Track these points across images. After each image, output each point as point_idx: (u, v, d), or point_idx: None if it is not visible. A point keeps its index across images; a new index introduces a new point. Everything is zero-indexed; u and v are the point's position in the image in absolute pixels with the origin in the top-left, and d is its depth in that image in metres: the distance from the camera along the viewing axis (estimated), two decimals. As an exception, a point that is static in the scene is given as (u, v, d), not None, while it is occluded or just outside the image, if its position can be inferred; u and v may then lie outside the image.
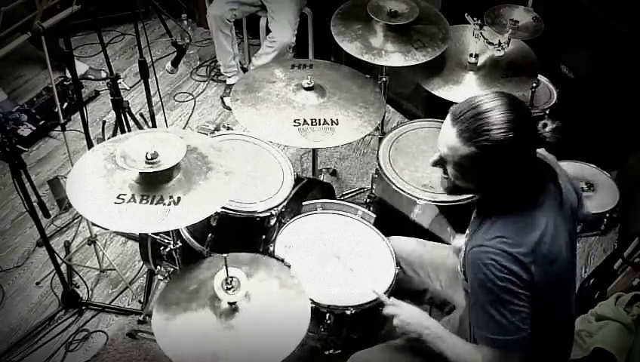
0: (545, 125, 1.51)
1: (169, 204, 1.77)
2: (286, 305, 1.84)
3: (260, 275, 1.92)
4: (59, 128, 3.20)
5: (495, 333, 1.53)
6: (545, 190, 1.58)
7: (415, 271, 2.15)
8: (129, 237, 3.03)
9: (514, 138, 1.45)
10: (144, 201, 1.78)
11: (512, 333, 1.51)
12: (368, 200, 2.80)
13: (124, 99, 2.65)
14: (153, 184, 1.82)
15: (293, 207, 2.35)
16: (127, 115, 2.71)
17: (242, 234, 2.27)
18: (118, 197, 1.79)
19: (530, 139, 1.50)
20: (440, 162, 1.60)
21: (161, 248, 2.28)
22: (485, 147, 1.47)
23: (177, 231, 2.15)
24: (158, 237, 2.33)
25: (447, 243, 2.12)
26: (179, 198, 1.79)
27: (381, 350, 1.94)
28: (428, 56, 2.49)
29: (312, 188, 2.54)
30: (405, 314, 1.83)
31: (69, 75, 3.48)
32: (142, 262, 2.69)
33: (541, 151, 1.60)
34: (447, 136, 1.53)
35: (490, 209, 1.59)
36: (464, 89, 2.53)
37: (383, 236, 2.22)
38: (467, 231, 1.73)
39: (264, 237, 2.30)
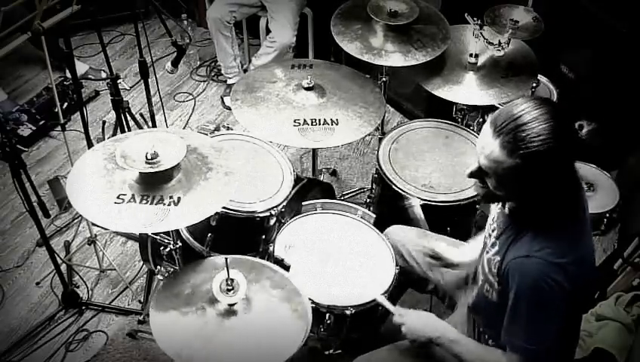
0: (581, 127, 1.49)
1: (169, 204, 1.77)
2: (285, 307, 1.84)
3: (258, 276, 1.91)
4: (59, 128, 3.20)
5: (530, 343, 1.54)
6: (581, 198, 1.58)
7: (415, 260, 2.14)
8: (129, 237, 3.03)
9: (558, 148, 1.41)
10: (144, 201, 1.78)
11: (546, 344, 1.53)
12: (368, 200, 2.81)
13: (124, 99, 2.64)
14: (153, 184, 1.81)
15: (293, 207, 2.35)
16: (127, 115, 2.71)
17: (242, 234, 2.27)
18: (118, 197, 1.78)
19: (573, 147, 1.47)
20: (478, 174, 1.56)
21: (161, 248, 2.28)
22: (530, 159, 1.42)
23: (177, 231, 2.15)
24: (158, 237, 2.33)
25: None
26: (179, 198, 1.79)
27: (385, 352, 1.94)
28: (428, 57, 2.49)
29: (312, 188, 2.54)
30: (413, 320, 1.82)
31: (69, 75, 3.48)
32: (142, 262, 2.69)
33: None
34: (488, 149, 1.47)
35: (529, 219, 1.57)
36: (464, 89, 2.53)
37: (383, 236, 2.22)
38: (493, 240, 1.69)
39: (264, 237, 2.30)
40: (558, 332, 1.52)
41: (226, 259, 1.71)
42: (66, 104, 3.56)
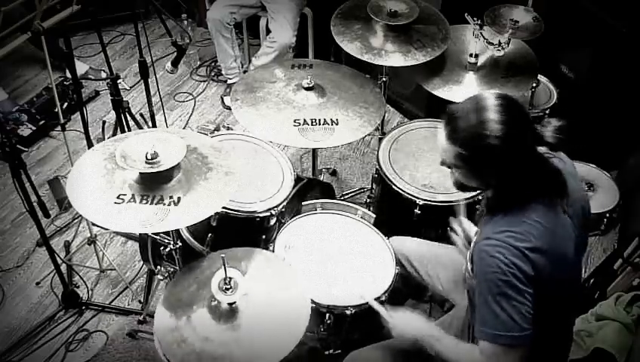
0: (548, 123, 1.53)
1: (169, 204, 1.77)
2: (286, 305, 1.84)
3: (259, 274, 1.92)
4: (59, 128, 3.19)
5: (495, 329, 1.51)
6: (553, 189, 1.58)
7: (416, 269, 2.15)
8: (129, 237, 3.03)
9: (502, 138, 1.47)
10: (144, 201, 1.78)
11: (513, 330, 1.49)
12: (368, 200, 2.81)
13: (124, 99, 2.64)
14: (153, 184, 1.82)
15: (293, 207, 2.35)
16: (127, 115, 2.70)
17: (242, 234, 2.27)
18: (118, 197, 1.79)
19: (522, 138, 1.51)
20: (444, 162, 1.64)
21: (161, 248, 2.28)
22: (473, 148, 1.51)
23: (177, 231, 2.15)
24: (158, 237, 2.33)
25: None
26: (179, 198, 1.79)
27: (378, 348, 1.94)
28: (428, 56, 2.49)
29: (312, 188, 2.54)
30: (399, 321, 1.84)
31: (69, 75, 3.48)
32: (142, 262, 2.69)
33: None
34: (439, 139, 1.59)
35: (496, 205, 1.60)
36: (464, 89, 2.53)
37: (383, 236, 2.22)
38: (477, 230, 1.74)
39: (264, 237, 2.30)
40: (524, 319, 1.48)
41: (223, 257, 1.71)
42: (66, 104, 3.56)
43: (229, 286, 1.73)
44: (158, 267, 2.48)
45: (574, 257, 1.63)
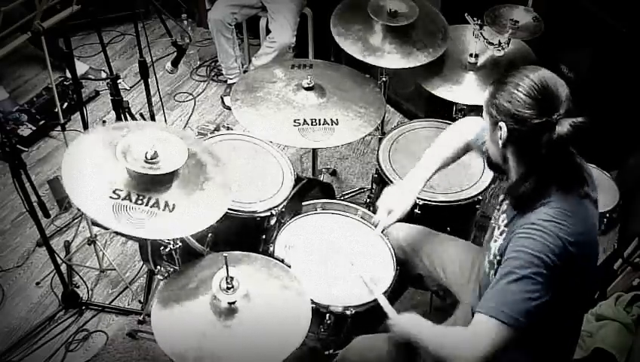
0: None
1: (164, 210, 1.78)
2: (286, 305, 1.84)
3: (259, 275, 1.92)
4: (59, 128, 3.20)
5: (506, 306, 1.47)
6: (587, 185, 1.60)
7: (420, 257, 2.14)
8: (129, 237, 3.03)
9: (520, 118, 1.50)
10: (139, 202, 1.77)
11: (522, 315, 1.46)
12: (368, 200, 2.80)
13: (124, 99, 2.64)
14: (151, 185, 1.81)
15: (293, 207, 2.35)
16: (127, 115, 2.71)
17: (242, 234, 2.27)
18: (114, 192, 1.78)
19: (540, 125, 1.50)
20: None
21: (161, 248, 2.28)
22: (496, 114, 1.55)
23: (177, 232, 2.15)
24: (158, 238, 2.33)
25: None
26: (174, 205, 1.79)
27: (385, 338, 1.93)
28: (430, 57, 2.49)
29: (312, 188, 2.54)
30: (403, 321, 1.81)
31: (69, 75, 3.48)
32: (142, 262, 2.69)
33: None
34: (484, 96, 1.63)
35: (532, 198, 1.57)
36: (464, 89, 2.53)
37: (383, 236, 2.22)
38: (502, 228, 1.68)
39: (264, 237, 2.30)
40: (537, 309, 1.47)
41: (225, 256, 1.71)
42: (66, 104, 3.56)
43: (230, 286, 1.73)
44: (158, 267, 2.48)
45: (597, 254, 1.64)
